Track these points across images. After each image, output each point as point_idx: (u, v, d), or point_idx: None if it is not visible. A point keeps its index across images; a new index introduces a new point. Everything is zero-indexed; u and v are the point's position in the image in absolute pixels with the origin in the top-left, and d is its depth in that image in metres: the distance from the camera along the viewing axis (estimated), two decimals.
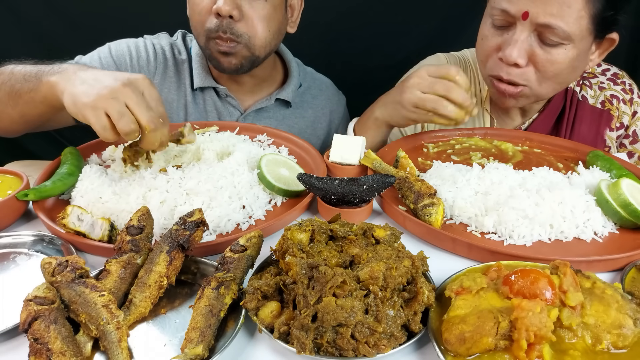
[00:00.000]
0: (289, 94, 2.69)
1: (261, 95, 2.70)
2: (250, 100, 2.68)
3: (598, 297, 1.21)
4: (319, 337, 1.15)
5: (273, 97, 2.66)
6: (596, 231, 1.62)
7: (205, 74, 2.56)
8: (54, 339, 1.12)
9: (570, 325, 1.13)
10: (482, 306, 1.18)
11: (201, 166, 1.81)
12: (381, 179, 1.65)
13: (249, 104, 2.67)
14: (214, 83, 2.57)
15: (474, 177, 1.79)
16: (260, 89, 2.70)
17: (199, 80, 2.55)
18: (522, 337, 1.07)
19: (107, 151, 2.07)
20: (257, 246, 1.41)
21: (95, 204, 1.67)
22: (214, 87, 2.59)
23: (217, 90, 2.60)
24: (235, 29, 2.27)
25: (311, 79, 2.91)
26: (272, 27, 2.38)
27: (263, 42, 2.37)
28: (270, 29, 2.37)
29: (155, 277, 1.30)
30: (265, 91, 2.71)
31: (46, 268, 1.27)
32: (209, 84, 2.56)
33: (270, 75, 2.72)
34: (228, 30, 2.26)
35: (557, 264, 1.25)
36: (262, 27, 2.33)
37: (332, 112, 2.91)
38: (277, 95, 2.67)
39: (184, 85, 2.60)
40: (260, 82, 2.68)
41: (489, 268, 1.32)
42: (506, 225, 1.60)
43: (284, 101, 2.71)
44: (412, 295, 1.24)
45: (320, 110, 2.85)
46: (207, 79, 2.56)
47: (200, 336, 1.15)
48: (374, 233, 1.39)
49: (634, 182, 1.71)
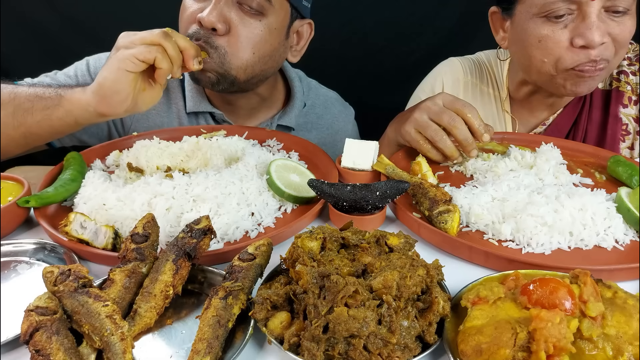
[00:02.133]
0: (292, 120, 2.59)
1: (260, 119, 2.61)
2: (249, 125, 2.56)
3: (620, 308, 1.18)
4: (330, 349, 1.12)
5: (274, 123, 2.57)
6: (617, 239, 1.59)
7: (199, 97, 2.48)
8: (56, 350, 1.09)
9: (591, 337, 1.10)
10: (499, 316, 1.15)
11: (209, 172, 1.79)
12: (395, 185, 1.63)
13: None
14: (209, 107, 2.48)
15: (490, 182, 1.76)
16: (258, 111, 2.60)
17: (193, 105, 2.47)
18: (541, 349, 1.04)
19: (111, 156, 2.06)
20: (266, 254, 1.38)
21: (98, 210, 1.65)
22: (210, 112, 2.50)
23: (214, 114, 2.51)
24: (212, 41, 2.14)
25: (315, 96, 2.80)
26: (261, 50, 2.23)
27: (243, 64, 2.21)
28: (257, 52, 2.22)
29: (161, 287, 1.28)
30: (264, 114, 2.62)
31: (48, 277, 1.25)
32: (204, 108, 2.47)
33: (270, 96, 2.61)
34: (203, 38, 2.12)
35: (577, 272, 1.22)
36: (246, 48, 2.19)
37: (338, 132, 2.80)
38: (278, 121, 2.58)
39: (176, 106, 2.51)
40: (258, 105, 2.58)
41: (506, 277, 1.29)
42: (524, 232, 1.57)
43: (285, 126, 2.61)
44: (427, 305, 1.21)
45: (325, 131, 2.76)
46: (202, 104, 2.47)
47: (207, 348, 1.13)
48: (387, 241, 1.36)
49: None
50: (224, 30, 2.12)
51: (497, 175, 1.90)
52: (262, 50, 2.23)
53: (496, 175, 1.90)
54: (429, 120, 1.93)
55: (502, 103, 2.51)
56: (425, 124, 1.93)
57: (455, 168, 2.04)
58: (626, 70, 2.34)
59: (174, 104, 2.51)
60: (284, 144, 2.25)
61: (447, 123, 1.90)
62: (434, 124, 1.92)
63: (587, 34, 1.97)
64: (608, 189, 1.78)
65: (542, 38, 2.07)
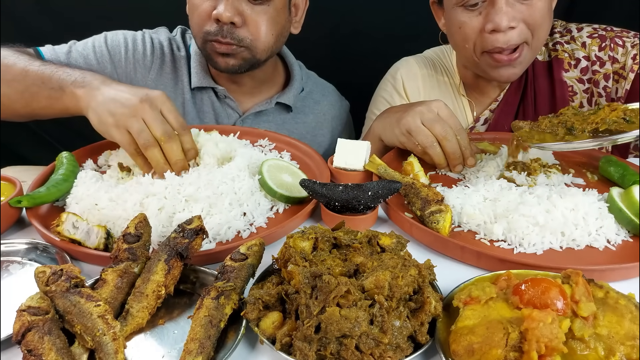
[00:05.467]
0: (290, 98, 2.66)
1: (261, 97, 2.67)
2: (249, 102, 2.66)
3: (611, 308, 1.18)
4: (322, 349, 1.12)
5: (273, 101, 2.63)
6: (609, 239, 1.60)
7: (203, 73, 2.53)
8: (48, 350, 1.09)
9: (583, 337, 1.10)
10: (491, 316, 1.15)
11: (201, 172, 1.79)
12: (387, 185, 1.63)
13: (248, 106, 2.65)
14: (212, 83, 2.55)
15: (482, 182, 1.78)
16: (260, 91, 2.67)
17: (197, 80, 2.53)
18: (533, 349, 1.04)
19: (103, 156, 2.06)
20: (258, 254, 1.38)
21: (90, 210, 1.64)
22: (213, 88, 2.56)
23: (216, 90, 2.57)
24: (236, 34, 2.25)
25: (313, 84, 2.88)
26: (276, 30, 2.35)
27: (266, 46, 2.35)
28: (274, 33, 2.35)
29: (153, 287, 1.28)
30: (265, 94, 2.69)
31: (40, 277, 1.24)
32: (207, 84, 2.54)
33: (271, 77, 2.69)
34: (228, 36, 2.24)
35: (569, 272, 1.23)
36: (265, 32, 2.30)
37: (334, 118, 2.87)
38: (277, 99, 2.64)
39: (182, 82, 2.57)
40: (260, 84, 2.65)
41: (498, 277, 1.29)
42: (516, 232, 1.57)
43: (284, 105, 2.68)
44: (418, 305, 1.21)
45: (322, 116, 2.81)
46: (205, 79, 2.53)
47: (199, 347, 1.13)
48: (379, 241, 1.36)
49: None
50: (241, 23, 2.25)
51: (488, 175, 1.90)
52: (277, 30, 2.38)
53: (488, 175, 1.90)
54: (421, 126, 1.95)
55: (458, 88, 2.65)
56: (417, 129, 1.95)
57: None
58: (560, 41, 2.50)
59: (180, 80, 2.58)
60: (276, 144, 2.25)
61: (438, 133, 1.93)
62: (426, 129, 1.94)
63: (496, 18, 2.11)
64: (600, 189, 1.80)
65: (461, 25, 2.24)
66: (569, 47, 2.48)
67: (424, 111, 1.97)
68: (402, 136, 2.01)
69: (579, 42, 2.46)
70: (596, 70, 2.42)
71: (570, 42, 2.48)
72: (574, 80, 2.47)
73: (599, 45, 2.42)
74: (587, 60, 2.43)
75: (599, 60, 2.41)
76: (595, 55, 2.41)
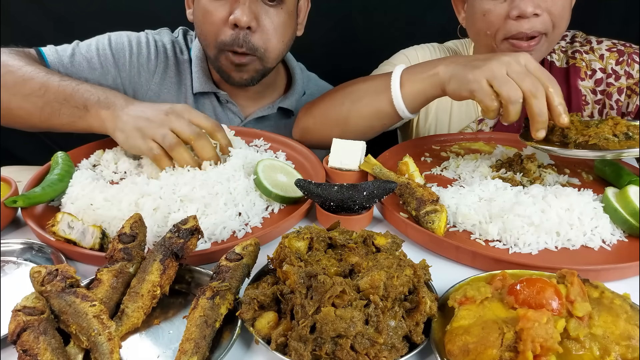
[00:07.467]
0: (292, 103, 2.64)
1: (263, 102, 2.65)
2: (252, 107, 2.63)
3: (606, 308, 1.18)
4: (317, 349, 1.13)
5: (276, 106, 2.61)
6: (604, 239, 1.60)
7: (205, 78, 2.50)
8: (44, 350, 1.09)
9: (578, 337, 1.10)
10: (486, 316, 1.15)
11: (196, 172, 1.78)
12: (382, 185, 1.63)
13: (250, 111, 2.62)
14: (214, 88, 2.52)
15: (477, 182, 1.78)
16: (262, 96, 2.64)
17: (199, 85, 2.50)
18: (528, 349, 1.04)
19: (94, 156, 2.08)
20: (253, 254, 1.38)
21: (86, 210, 1.64)
22: (215, 92, 2.54)
23: (218, 95, 2.55)
24: (252, 42, 2.21)
25: (314, 86, 2.85)
26: (286, 36, 2.33)
27: (277, 54, 2.34)
28: (284, 40, 2.32)
29: (148, 287, 1.28)
30: (268, 98, 2.66)
31: (35, 277, 1.24)
32: (210, 89, 2.51)
33: (274, 81, 2.66)
34: (244, 44, 2.20)
35: (564, 272, 1.23)
36: (277, 38, 2.27)
37: None
38: (280, 104, 2.62)
39: (185, 87, 2.54)
40: (264, 89, 2.62)
41: (493, 277, 1.29)
42: (511, 232, 1.57)
43: (285, 109, 2.66)
44: (414, 305, 1.21)
45: None
46: (207, 84, 2.50)
47: (194, 347, 1.13)
48: (374, 241, 1.37)
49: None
50: (257, 27, 2.19)
51: (483, 175, 1.91)
52: (287, 36, 2.34)
53: (483, 175, 1.91)
54: (505, 75, 1.71)
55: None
56: (503, 78, 1.70)
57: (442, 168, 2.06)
58: (579, 49, 2.52)
59: (183, 85, 2.55)
60: (271, 144, 2.25)
61: (527, 88, 1.68)
62: (513, 82, 1.70)
63: (521, 5, 2.12)
64: (595, 189, 1.79)
65: (486, 12, 2.24)
66: (587, 57, 2.50)
67: (511, 62, 1.73)
68: (477, 83, 1.73)
69: (597, 54, 2.49)
70: (610, 83, 2.44)
71: (589, 53, 2.50)
72: (588, 90, 2.48)
73: (616, 59, 2.44)
74: (602, 72, 2.45)
75: (615, 74, 2.43)
76: (611, 68, 2.44)
